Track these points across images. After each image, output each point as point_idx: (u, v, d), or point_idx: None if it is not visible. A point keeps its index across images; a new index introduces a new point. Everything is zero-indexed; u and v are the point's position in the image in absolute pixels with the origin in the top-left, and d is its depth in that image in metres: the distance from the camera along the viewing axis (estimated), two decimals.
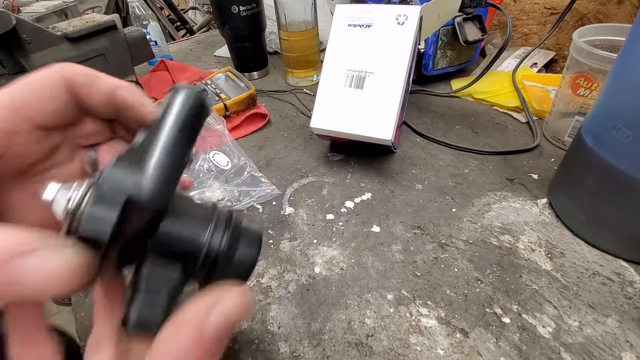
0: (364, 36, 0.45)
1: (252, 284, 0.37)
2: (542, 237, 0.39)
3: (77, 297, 0.37)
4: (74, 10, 0.94)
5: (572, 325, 0.31)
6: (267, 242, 0.41)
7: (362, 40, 0.45)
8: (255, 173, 0.49)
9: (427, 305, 0.34)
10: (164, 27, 1.59)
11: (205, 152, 0.48)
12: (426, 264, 0.37)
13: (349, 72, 0.46)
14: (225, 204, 0.45)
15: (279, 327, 0.33)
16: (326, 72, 0.47)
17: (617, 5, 0.64)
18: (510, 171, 0.48)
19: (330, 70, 0.47)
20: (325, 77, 0.47)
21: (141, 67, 0.82)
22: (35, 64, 0.55)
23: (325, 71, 0.47)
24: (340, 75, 0.46)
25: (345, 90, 0.46)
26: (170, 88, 0.18)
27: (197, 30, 1.73)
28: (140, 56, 0.68)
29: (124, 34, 0.64)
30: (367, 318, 0.33)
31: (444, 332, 0.32)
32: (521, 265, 0.36)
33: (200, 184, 0.46)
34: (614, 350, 0.29)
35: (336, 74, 0.46)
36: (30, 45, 0.54)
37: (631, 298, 0.33)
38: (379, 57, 0.45)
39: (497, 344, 0.30)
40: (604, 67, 0.43)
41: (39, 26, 0.54)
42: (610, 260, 0.36)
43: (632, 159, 0.31)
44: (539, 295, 0.34)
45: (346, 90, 0.46)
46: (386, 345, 0.31)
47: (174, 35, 1.67)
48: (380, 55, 0.44)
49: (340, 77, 0.46)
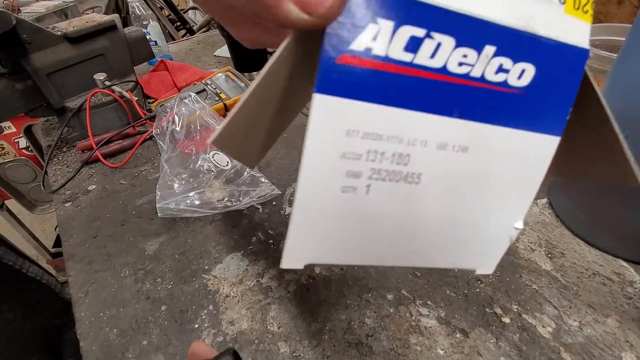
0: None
1: (252, 284, 0.37)
2: (542, 237, 0.39)
3: (77, 296, 0.37)
4: (74, 10, 0.95)
5: (572, 325, 0.31)
6: (267, 242, 0.41)
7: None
8: (255, 173, 0.49)
9: (427, 305, 0.34)
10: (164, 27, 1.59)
11: (205, 152, 0.48)
12: None
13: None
14: (225, 204, 0.45)
15: (279, 327, 0.33)
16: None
17: (617, 5, 0.64)
18: None
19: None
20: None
21: (141, 67, 0.82)
22: (35, 64, 0.55)
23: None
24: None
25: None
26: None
27: (197, 30, 1.73)
28: (140, 56, 0.68)
29: (124, 34, 0.64)
30: (367, 318, 0.33)
31: (444, 332, 0.32)
32: (521, 265, 0.36)
33: (200, 184, 0.46)
34: (614, 350, 0.29)
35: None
36: (30, 45, 0.54)
37: (631, 298, 0.33)
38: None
39: (497, 344, 0.30)
40: (604, 67, 0.43)
41: (39, 26, 0.54)
42: (610, 260, 0.36)
43: None
44: (539, 295, 0.34)
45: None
46: (386, 345, 0.31)
47: (174, 35, 1.67)
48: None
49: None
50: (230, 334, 0.33)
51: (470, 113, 0.17)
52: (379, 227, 0.19)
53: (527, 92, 0.17)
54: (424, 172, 0.17)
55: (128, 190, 0.51)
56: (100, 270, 0.40)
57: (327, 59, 0.14)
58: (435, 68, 0.15)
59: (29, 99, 0.57)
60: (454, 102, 0.16)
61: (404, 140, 0.16)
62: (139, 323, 0.34)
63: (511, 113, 0.17)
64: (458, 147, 0.17)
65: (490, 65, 0.16)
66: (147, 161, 0.56)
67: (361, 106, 0.15)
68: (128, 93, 0.60)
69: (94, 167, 0.56)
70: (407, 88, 0.16)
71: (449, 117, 0.16)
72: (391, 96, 0.16)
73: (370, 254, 0.20)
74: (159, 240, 0.43)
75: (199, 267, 0.39)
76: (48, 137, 0.67)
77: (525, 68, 0.16)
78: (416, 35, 0.15)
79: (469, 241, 0.21)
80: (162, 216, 0.45)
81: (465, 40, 0.15)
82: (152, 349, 0.32)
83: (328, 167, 0.16)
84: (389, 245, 0.20)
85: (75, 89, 0.61)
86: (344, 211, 0.18)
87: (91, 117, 0.58)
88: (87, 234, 0.45)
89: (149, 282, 0.38)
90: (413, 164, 0.17)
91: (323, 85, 0.15)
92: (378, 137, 0.16)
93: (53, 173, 0.56)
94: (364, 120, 0.16)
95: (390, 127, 0.16)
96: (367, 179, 0.17)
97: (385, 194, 0.18)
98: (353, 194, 0.17)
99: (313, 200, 0.17)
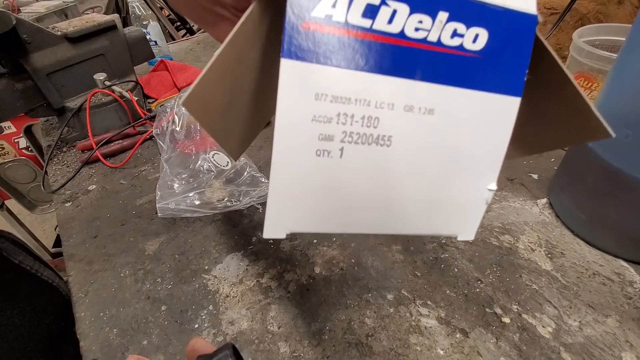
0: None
1: (252, 284, 0.37)
2: (542, 237, 0.39)
3: (77, 296, 0.37)
4: (74, 10, 0.95)
5: (572, 325, 0.31)
6: (267, 242, 0.41)
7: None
8: (255, 173, 0.49)
9: (427, 305, 0.34)
10: (164, 27, 1.59)
11: (205, 152, 0.48)
12: (426, 264, 0.37)
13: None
14: (225, 204, 0.45)
15: (279, 327, 0.33)
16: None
17: (617, 5, 0.64)
18: (510, 171, 0.48)
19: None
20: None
21: (141, 67, 0.82)
22: (35, 64, 0.55)
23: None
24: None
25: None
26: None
27: (197, 30, 1.73)
28: (140, 56, 0.68)
29: (124, 34, 0.64)
30: (367, 318, 0.33)
31: (444, 332, 0.32)
32: (521, 265, 0.36)
33: (200, 184, 0.46)
34: (614, 350, 0.29)
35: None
36: (30, 45, 0.54)
37: (631, 298, 0.33)
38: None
39: (497, 344, 0.30)
40: (604, 67, 0.43)
41: (39, 26, 0.54)
42: (610, 260, 0.36)
43: (631, 158, 0.31)
44: (539, 295, 0.34)
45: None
46: (386, 345, 0.31)
47: (174, 35, 1.67)
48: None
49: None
50: (230, 334, 0.33)
51: (432, 75, 0.17)
52: (356, 193, 0.19)
53: (483, 54, 0.18)
54: (394, 135, 0.18)
55: (128, 190, 0.51)
56: (100, 270, 0.40)
57: (290, 25, 0.15)
58: (394, 33, 0.16)
59: (29, 99, 0.57)
60: (415, 65, 0.17)
61: (371, 102, 0.17)
62: (139, 323, 0.34)
63: (470, 75, 0.18)
64: (424, 110, 0.18)
65: (445, 30, 0.17)
66: (147, 161, 0.56)
67: (327, 70, 0.16)
68: (128, 93, 0.60)
69: (94, 167, 0.56)
70: (369, 52, 0.16)
71: (412, 80, 0.17)
72: (354, 60, 0.16)
73: (349, 222, 0.20)
74: (159, 240, 0.43)
75: (199, 267, 0.39)
76: (48, 137, 0.67)
77: (478, 32, 0.17)
78: (372, 3, 0.16)
79: (445, 206, 0.21)
80: (162, 216, 0.45)
81: (419, 7, 0.16)
82: (152, 349, 0.32)
83: (300, 131, 0.17)
84: (367, 212, 0.20)
85: (75, 89, 0.61)
86: (320, 177, 0.18)
87: (91, 117, 0.58)
88: (87, 234, 0.45)
89: (149, 282, 0.38)
90: (382, 127, 0.18)
91: (289, 50, 0.16)
92: (346, 100, 0.17)
93: (53, 173, 0.56)
94: (330, 84, 0.16)
95: (357, 90, 0.17)
96: (340, 142, 0.17)
97: (359, 158, 0.18)
98: (327, 158, 0.18)
99: (288, 165, 0.18)
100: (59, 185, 0.52)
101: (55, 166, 0.58)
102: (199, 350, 0.20)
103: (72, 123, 0.61)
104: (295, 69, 0.16)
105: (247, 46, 0.19)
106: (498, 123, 0.19)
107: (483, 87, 0.18)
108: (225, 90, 0.20)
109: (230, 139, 0.25)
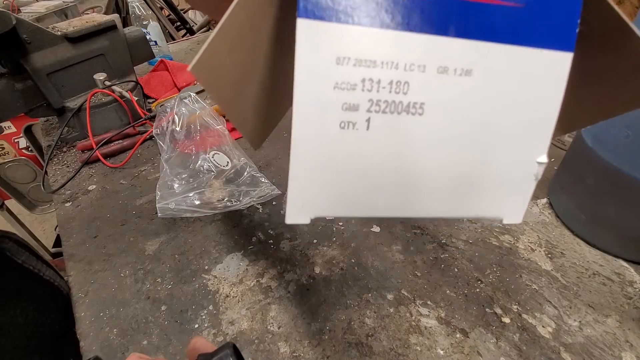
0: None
1: (252, 284, 0.37)
2: (542, 237, 0.39)
3: (77, 296, 0.37)
4: (74, 10, 0.94)
5: (572, 325, 0.31)
6: (267, 242, 0.41)
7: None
8: (255, 173, 0.49)
9: (427, 305, 0.34)
10: (164, 27, 1.59)
11: (205, 152, 0.48)
12: (426, 264, 0.37)
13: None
14: (225, 204, 0.45)
15: (279, 327, 0.33)
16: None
17: (617, 6, 0.64)
18: None
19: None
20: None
21: (141, 67, 0.82)
22: (35, 64, 0.55)
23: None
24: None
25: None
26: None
27: (197, 30, 1.73)
28: (140, 56, 0.68)
29: (124, 34, 0.64)
30: (367, 318, 0.33)
31: (444, 332, 0.32)
32: (521, 265, 0.36)
33: (200, 184, 0.46)
34: (614, 350, 0.29)
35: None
36: (30, 45, 0.54)
37: (631, 298, 0.33)
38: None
39: (497, 344, 0.30)
40: None
41: (39, 26, 0.54)
42: (610, 260, 0.36)
43: (631, 158, 0.31)
44: (539, 295, 0.34)
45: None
46: (386, 345, 0.31)
47: (174, 35, 1.67)
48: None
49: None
50: (230, 334, 0.33)
51: (468, 30, 0.15)
52: (385, 170, 0.17)
53: (526, 3, 0.15)
54: (427, 101, 0.16)
55: (128, 190, 0.51)
56: (100, 270, 0.40)
57: None
58: None
59: (29, 99, 0.57)
60: (448, 19, 0.15)
61: (399, 65, 0.15)
62: (139, 323, 0.34)
63: (513, 28, 0.15)
64: (460, 70, 0.15)
65: None
66: (147, 161, 0.56)
67: (348, 29, 0.14)
68: (128, 93, 0.60)
69: (94, 167, 0.56)
70: (395, 7, 0.14)
71: (446, 37, 0.15)
72: (379, 17, 0.14)
73: (378, 204, 0.18)
74: (159, 240, 0.43)
75: (199, 267, 0.39)
76: (48, 137, 0.67)
77: None
78: None
79: (486, 184, 0.18)
80: (162, 216, 0.45)
81: None
82: (152, 349, 0.32)
83: (322, 101, 0.15)
84: (397, 192, 0.17)
85: (75, 89, 0.61)
86: (345, 153, 0.16)
87: (91, 117, 0.58)
88: (87, 234, 0.45)
89: (149, 282, 0.38)
90: (413, 92, 0.15)
91: (305, 9, 0.13)
92: (372, 63, 0.14)
93: (53, 173, 0.56)
94: (353, 46, 0.14)
95: (383, 51, 0.14)
96: (366, 111, 0.15)
97: (388, 129, 0.16)
98: (353, 130, 0.15)
99: (310, 142, 0.15)
100: (59, 185, 0.52)
101: (55, 166, 0.58)
102: (199, 350, 0.20)
103: (72, 123, 0.61)
104: (313, 30, 0.14)
105: (259, 13, 0.17)
106: (547, 84, 0.16)
107: (527, 41, 0.15)
108: (237, 61, 0.17)
109: (246, 121, 0.22)
